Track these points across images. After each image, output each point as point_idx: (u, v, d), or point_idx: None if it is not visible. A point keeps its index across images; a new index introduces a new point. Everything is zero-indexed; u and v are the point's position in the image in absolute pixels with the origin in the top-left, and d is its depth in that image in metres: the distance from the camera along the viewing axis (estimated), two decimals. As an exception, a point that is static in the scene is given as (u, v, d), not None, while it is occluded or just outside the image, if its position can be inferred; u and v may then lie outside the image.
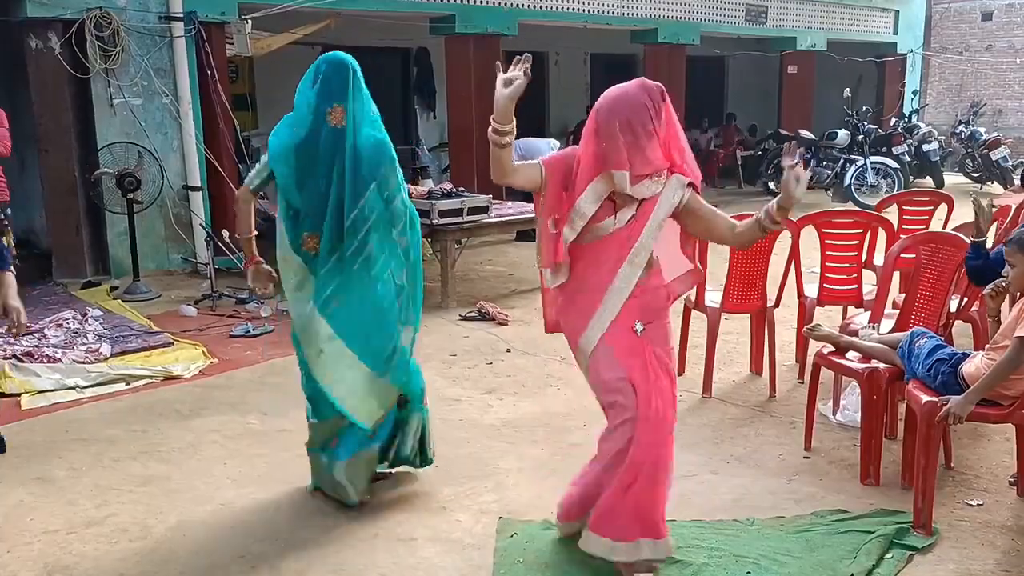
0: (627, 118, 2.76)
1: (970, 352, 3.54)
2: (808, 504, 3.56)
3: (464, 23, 9.98)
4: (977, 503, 3.55)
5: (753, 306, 4.97)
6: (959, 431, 3.96)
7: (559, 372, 5.20)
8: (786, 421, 4.47)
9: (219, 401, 4.84)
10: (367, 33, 10.70)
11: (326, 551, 3.23)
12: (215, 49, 8.17)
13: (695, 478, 3.78)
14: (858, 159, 12.45)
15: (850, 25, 15.31)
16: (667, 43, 12.07)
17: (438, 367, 5.33)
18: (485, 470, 3.91)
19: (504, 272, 8.38)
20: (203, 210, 8.22)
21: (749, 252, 4.80)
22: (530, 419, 4.52)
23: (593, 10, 11.25)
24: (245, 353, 5.70)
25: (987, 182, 14.09)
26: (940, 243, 4.06)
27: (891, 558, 3.12)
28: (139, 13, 7.76)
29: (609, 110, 2.79)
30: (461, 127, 10.38)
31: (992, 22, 19.63)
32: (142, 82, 7.82)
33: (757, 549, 3.18)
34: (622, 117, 2.76)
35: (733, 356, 5.49)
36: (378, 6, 9.41)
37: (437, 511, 3.53)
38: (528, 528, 3.34)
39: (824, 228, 5.15)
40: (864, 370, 3.77)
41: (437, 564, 3.15)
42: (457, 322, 6.47)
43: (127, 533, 3.38)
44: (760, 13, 13.69)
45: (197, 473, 3.92)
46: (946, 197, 6.40)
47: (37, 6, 7.21)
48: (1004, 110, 19.08)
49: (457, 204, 6.91)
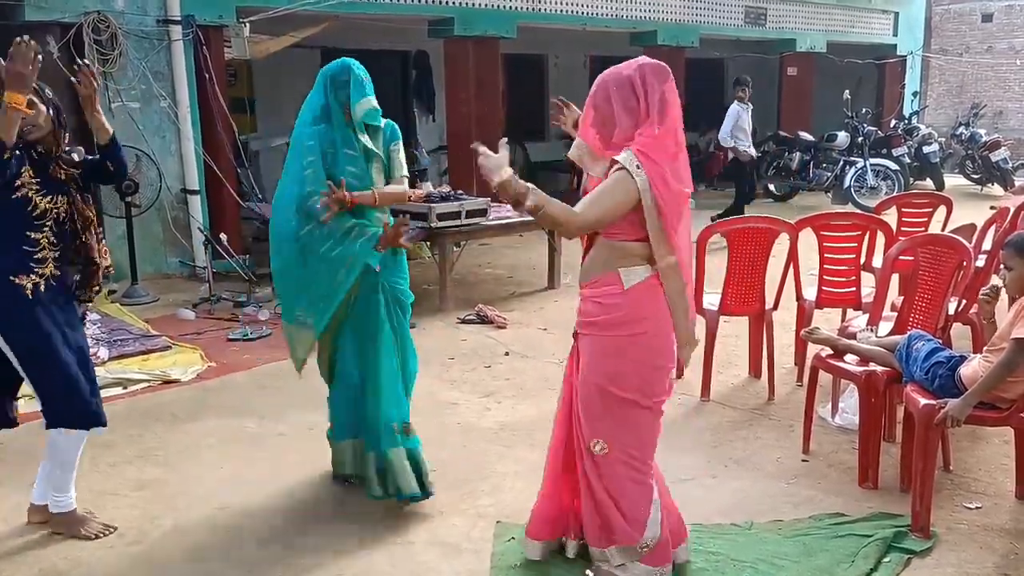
0: (608, 91, 2.71)
1: (968, 355, 3.53)
2: (806, 507, 3.55)
3: (463, 26, 9.99)
4: (975, 506, 3.54)
5: (751, 309, 4.96)
6: (957, 434, 3.96)
7: (557, 375, 5.17)
8: (784, 424, 4.46)
9: (216, 405, 4.83)
10: (366, 36, 10.71)
11: (324, 555, 3.22)
12: (213, 52, 8.18)
13: (693, 481, 3.77)
14: (858, 161, 12.45)
15: (850, 27, 15.32)
16: (666, 45, 12.06)
17: (436, 370, 5.32)
18: (482, 474, 3.90)
19: (503, 275, 8.37)
20: (201, 214, 8.21)
21: (747, 255, 4.80)
22: (528, 422, 4.51)
23: (592, 12, 11.26)
24: (243, 357, 5.70)
25: (987, 184, 14.08)
26: (938, 246, 4.05)
27: (889, 562, 3.12)
28: (137, 17, 7.76)
29: (599, 79, 2.77)
30: (460, 130, 10.39)
31: (992, 23, 19.64)
32: (140, 86, 7.82)
33: (755, 553, 3.17)
34: (601, 89, 2.73)
35: (731, 359, 5.48)
36: (377, 9, 9.41)
37: (434, 515, 3.52)
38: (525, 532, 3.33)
39: (822, 231, 5.15)
40: (862, 373, 3.77)
41: (434, 568, 3.14)
42: (455, 325, 6.46)
43: (123, 537, 3.37)
44: (759, 15, 13.70)
45: (194, 477, 3.91)
46: (945, 199, 6.40)
47: (35, 10, 7.22)
48: (1004, 112, 19.09)
49: (455, 207, 6.91)
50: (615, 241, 2.73)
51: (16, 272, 3.14)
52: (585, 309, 2.82)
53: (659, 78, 2.70)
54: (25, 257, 3.16)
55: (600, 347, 2.78)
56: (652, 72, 2.70)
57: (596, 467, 2.82)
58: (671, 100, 2.70)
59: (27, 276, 3.16)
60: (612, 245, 2.74)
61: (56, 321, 3.21)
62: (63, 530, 3.40)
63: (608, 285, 2.74)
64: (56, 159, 3.23)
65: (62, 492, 3.40)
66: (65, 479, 3.39)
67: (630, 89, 2.68)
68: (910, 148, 13.75)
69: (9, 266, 3.15)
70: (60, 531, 3.40)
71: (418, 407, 4.48)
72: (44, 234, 3.19)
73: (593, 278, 2.80)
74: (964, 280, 3.99)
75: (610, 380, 2.75)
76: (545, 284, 7.77)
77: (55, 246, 3.22)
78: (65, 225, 3.24)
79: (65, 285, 3.28)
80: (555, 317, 6.66)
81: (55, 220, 3.22)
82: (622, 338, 2.74)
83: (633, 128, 2.68)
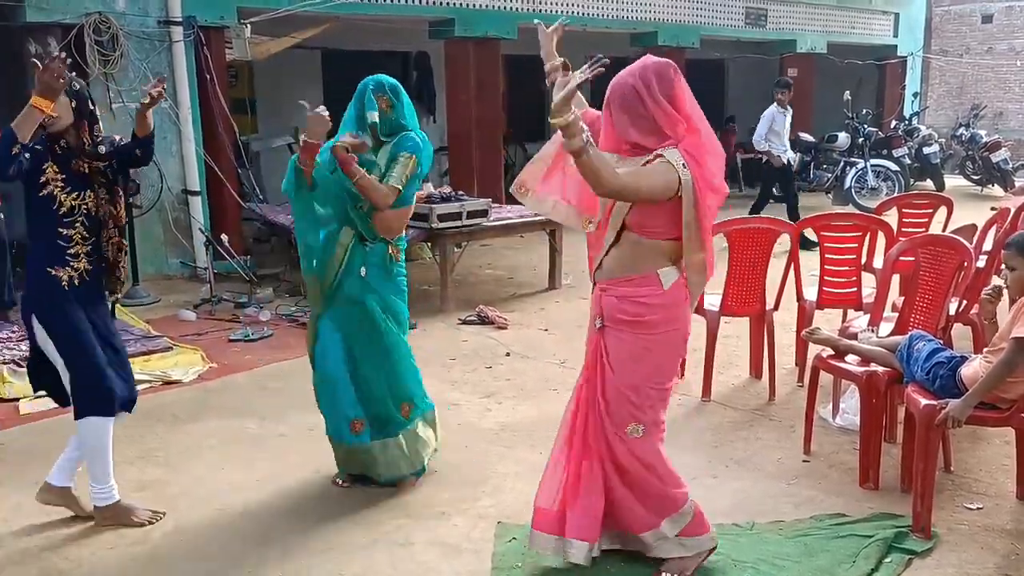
0: (615, 97, 2.77)
1: (969, 355, 3.53)
2: (807, 508, 3.55)
3: (464, 27, 9.99)
4: (976, 507, 3.54)
5: (752, 309, 4.96)
6: (958, 435, 3.95)
7: (558, 376, 5.19)
8: (785, 425, 4.46)
9: (217, 406, 4.83)
10: (367, 37, 10.72)
11: (324, 556, 3.23)
12: (214, 53, 8.18)
13: (694, 482, 3.75)
14: (858, 162, 12.44)
15: (850, 28, 15.31)
16: (667, 46, 12.05)
17: (437, 371, 5.32)
18: (483, 474, 3.91)
19: (503, 276, 8.37)
20: (202, 214, 8.21)
21: (748, 255, 4.80)
22: (529, 423, 4.51)
23: (593, 13, 11.26)
24: (244, 358, 5.70)
25: (988, 185, 14.08)
26: (939, 246, 4.05)
27: (890, 562, 3.12)
28: (138, 18, 7.77)
29: (612, 82, 2.81)
30: (460, 131, 10.39)
31: (992, 24, 19.66)
32: (141, 86, 7.79)
33: (756, 553, 3.17)
34: (612, 92, 2.79)
35: (732, 359, 5.48)
36: (378, 10, 9.41)
37: (435, 516, 3.52)
38: (526, 532, 3.32)
39: (823, 231, 5.15)
40: (863, 373, 3.77)
41: (434, 568, 3.14)
42: (456, 326, 6.46)
43: (124, 538, 3.37)
44: (760, 16, 13.70)
45: (195, 478, 3.91)
46: (945, 200, 6.40)
47: (37, 11, 7.22)
48: (1004, 112, 19.10)
49: (456, 208, 6.91)
50: (648, 239, 2.80)
51: (52, 264, 3.23)
52: (623, 308, 2.85)
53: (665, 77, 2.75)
54: (60, 252, 3.24)
55: (640, 345, 2.85)
56: (655, 73, 2.75)
57: (632, 449, 2.90)
58: (683, 95, 2.76)
59: (63, 269, 3.24)
60: (643, 243, 2.81)
61: (87, 314, 3.28)
62: (111, 522, 3.41)
63: (649, 285, 2.82)
64: (80, 153, 3.24)
65: (101, 483, 3.41)
66: (102, 469, 3.40)
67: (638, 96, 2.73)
68: (911, 149, 13.75)
69: (46, 258, 3.24)
70: (108, 524, 3.41)
71: (419, 408, 4.50)
72: (76, 230, 3.25)
73: (626, 276, 2.84)
74: (965, 281, 3.99)
75: (651, 375, 2.87)
76: (546, 285, 7.77)
77: (87, 240, 3.28)
78: (98, 219, 3.30)
79: (97, 279, 3.35)
80: (556, 318, 6.66)
81: (85, 215, 3.27)
82: (660, 335, 2.86)
83: (655, 127, 2.73)
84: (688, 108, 2.78)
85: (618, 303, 2.86)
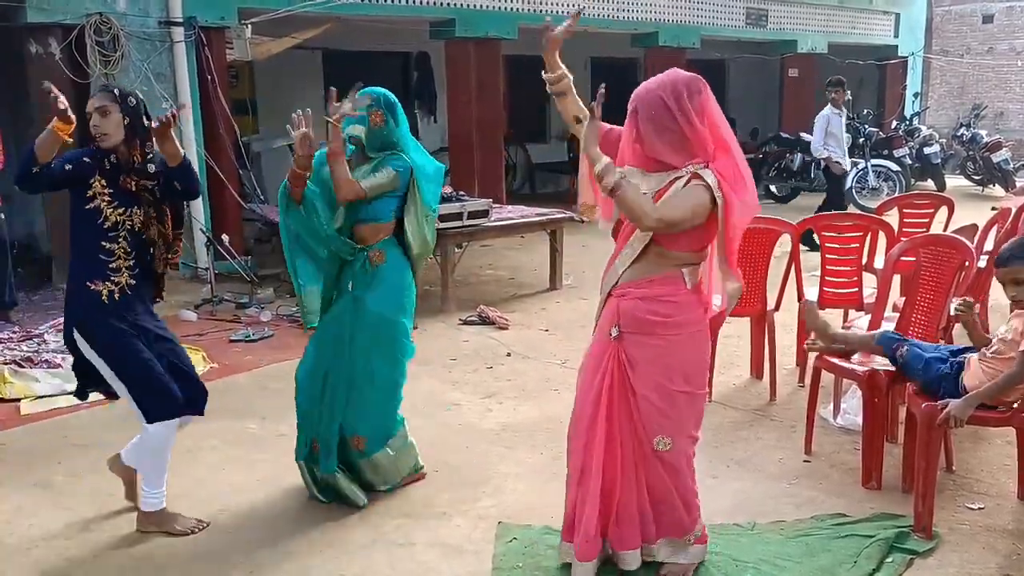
0: (642, 110, 2.72)
1: (970, 355, 3.52)
2: (808, 508, 3.55)
3: (464, 27, 9.99)
4: (978, 507, 3.54)
5: (753, 309, 4.96)
6: (959, 435, 3.95)
7: (559, 376, 5.19)
8: (786, 425, 4.46)
9: (218, 406, 4.78)
10: (367, 37, 10.71)
11: (325, 556, 3.23)
12: (215, 54, 8.18)
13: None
14: (859, 162, 12.43)
15: (851, 28, 15.31)
16: (668, 47, 12.07)
17: (438, 371, 5.32)
18: (484, 475, 3.90)
19: (504, 276, 8.37)
20: (203, 215, 8.20)
21: (750, 255, 4.79)
22: (530, 423, 4.51)
23: (593, 14, 11.25)
24: (245, 358, 5.70)
25: (988, 185, 14.08)
26: (940, 246, 4.05)
27: (892, 562, 3.11)
28: (139, 18, 7.77)
29: (633, 97, 2.77)
30: (461, 131, 10.39)
31: (993, 24, 19.66)
32: (142, 87, 7.79)
33: (757, 553, 3.17)
34: (637, 107, 2.74)
35: (733, 359, 5.47)
36: (378, 11, 9.41)
37: (436, 516, 3.52)
38: (527, 533, 3.33)
39: (824, 231, 5.14)
40: (865, 373, 3.76)
41: (435, 569, 3.14)
42: (457, 326, 6.46)
43: (125, 539, 3.37)
44: (760, 16, 13.70)
45: (196, 479, 3.91)
46: (946, 200, 6.39)
47: (37, 11, 7.22)
48: (1005, 112, 19.10)
49: (457, 208, 6.91)
50: (675, 251, 2.78)
51: (92, 278, 3.21)
52: (650, 308, 2.79)
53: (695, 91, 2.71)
54: (101, 266, 3.22)
55: (665, 346, 2.81)
56: (686, 86, 2.70)
57: (660, 463, 2.86)
58: (713, 112, 2.73)
59: (103, 283, 3.22)
60: (668, 254, 2.79)
61: (130, 324, 3.25)
62: (153, 528, 3.40)
63: (672, 284, 2.80)
64: (129, 170, 3.23)
65: (153, 487, 3.40)
66: (157, 474, 3.39)
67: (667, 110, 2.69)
68: (911, 149, 13.74)
69: (87, 272, 3.22)
70: (150, 529, 3.40)
71: (419, 408, 4.51)
72: (119, 245, 3.24)
73: (648, 277, 2.81)
74: (966, 281, 3.98)
75: (683, 378, 2.83)
76: (547, 285, 7.76)
77: (129, 255, 3.26)
78: (141, 236, 3.28)
79: (140, 294, 3.33)
80: (557, 318, 6.66)
81: (129, 231, 3.25)
82: (688, 334, 2.84)
83: (683, 143, 2.70)
84: (719, 125, 2.73)
85: (643, 304, 2.80)
